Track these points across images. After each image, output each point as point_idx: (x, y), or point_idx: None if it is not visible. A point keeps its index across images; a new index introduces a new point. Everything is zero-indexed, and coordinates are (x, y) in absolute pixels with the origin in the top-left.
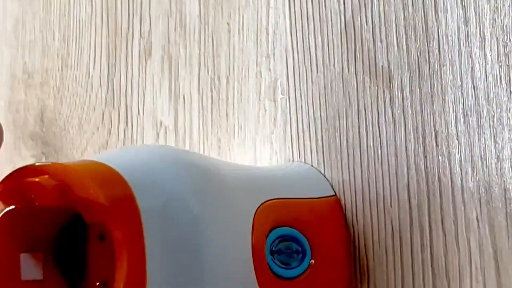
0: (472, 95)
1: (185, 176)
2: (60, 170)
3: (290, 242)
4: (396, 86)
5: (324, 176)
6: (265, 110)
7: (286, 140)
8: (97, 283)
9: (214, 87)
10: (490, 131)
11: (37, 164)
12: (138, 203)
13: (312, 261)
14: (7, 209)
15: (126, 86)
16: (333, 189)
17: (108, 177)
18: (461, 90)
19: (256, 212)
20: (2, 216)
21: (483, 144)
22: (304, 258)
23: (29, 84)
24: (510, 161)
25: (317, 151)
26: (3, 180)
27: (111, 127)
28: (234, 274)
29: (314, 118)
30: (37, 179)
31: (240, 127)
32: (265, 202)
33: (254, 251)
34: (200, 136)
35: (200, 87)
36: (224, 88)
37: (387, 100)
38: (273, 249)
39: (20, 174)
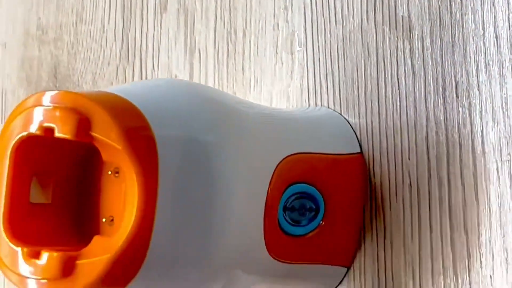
0: (494, 45)
1: (205, 108)
2: (83, 104)
3: (305, 199)
4: (416, 36)
5: (353, 129)
6: (282, 63)
7: (302, 93)
8: (104, 219)
9: (230, 41)
10: None
11: (60, 91)
12: (154, 135)
13: (322, 222)
14: (25, 133)
15: (141, 40)
16: (360, 145)
17: (126, 112)
18: (483, 39)
19: (277, 165)
20: (19, 140)
21: (504, 94)
22: (315, 217)
23: (42, 40)
24: None
25: (334, 104)
26: (26, 103)
27: (125, 82)
28: (242, 219)
29: (332, 71)
30: (60, 111)
31: (256, 81)
32: (288, 156)
33: (268, 203)
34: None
35: (216, 41)
36: (241, 41)
37: (407, 50)
38: (287, 205)
39: (41, 100)
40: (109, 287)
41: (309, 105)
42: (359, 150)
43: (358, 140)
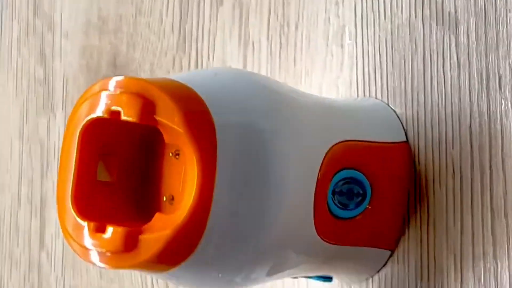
0: None
1: (262, 96)
2: (148, 89)
3: (353, 184)
4: (462, 31)
5: (399, 119)
6: (332, 56)
7: (351, 84)
8: (164, 198)
9: (283, 33)
10: None
11: (126, 77)
12: (214, 120)
13: (369, 206)
14: (93, 116)
15: (197, 32)
16: (406, 134)
17: (188, 98)
18: None
19: (328, 151)
20: (88, 122)
21: None
22: (362, 201)
23: (103, 30)
24: None
25: (381, 95)
26: (93, 88)
27: (182, 72)
28: (294, 201)
29: (380, 63)
30: (126, 96)
31: (307, 73)
32: (338, 143)
33: (318, 186)
34: None
35: (269, 34)
36: (293, 34)
37: (453, 45)
38: (336, 189)
39: (109, 85)
40: (169, 261)
41: (357, 96)
42: (405, 139)
43: (404, 130)
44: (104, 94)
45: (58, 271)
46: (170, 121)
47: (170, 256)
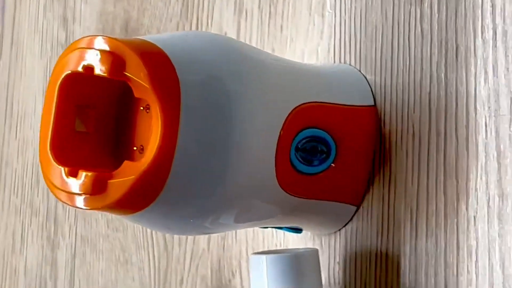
0: (490, 13)
1: (227, 58)
2: (119, 48)
3: (317, 142)
4: (426, 3)
5: (368, 82)
6: (314, 24)
7: (329, 51)
8: (135, 148)
9: (272, 3)
10: (504, 47)
11: (100, 36)
12: (179, 77)
13: (333, 164)
14: (70, 71)
15: (199, 1)
16: (374, 98)
17: (155, 56)
18: (481, 9)
19: (291, 111)
20: (65, 76)
21: (495, 57)
22: (326, 159)
23: None
24: None
25: (355, 62)
26: (72, 45)
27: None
28: (255, 155)
29: (355, 32)
30: (99, 52)
31: (292, 39)
32: (303, 104)
33: (280, 142)
34: (258, 46)
35: (260, 3)
36: (281, 4)
37: (418, 16)
38: (299, 146)
39: (85, 43)
40: (134, 204)
41: (334, 62)
42: (373, 103)
43: (373, 94)
44: (80, 52)
45: (72, 220)
46: (138, 77)
47: (136, 200)
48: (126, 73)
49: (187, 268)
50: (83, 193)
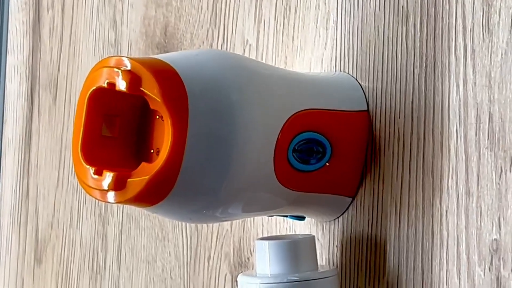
0: (462, 35)
1: (229, 72)
2: (136, 67)
3: (313, 144)
4: (411, 23)
5: (362, 89)
6: (319, 36)
7: (332, 61)
8: (152, 151)
9: (286, 16)
10: (472, 64)
11: (122, 57)
12: (187, 91)
13: (327, 164)
14: (97, 85)
15: (226, 10)
16: (367, 103)
17: (166, 73)
18: (454, 29)
19: (290, 117)
20: (93, 90)
21: (465, 74)
22: (322, 158)
23: (158, 4)
24: (482, 87)
25: (353, 71)
26: (99, 64)
27: (213, 41)
28: (256, 156)
29: (353, 44)
30: (119, 71)
31: (301, 49)
32: (300, 111)
33: (278, 145)
34: (273, 53)
35: (276, 15)
36: (293, 16)
37: (404, 33)
38: (296, 147)
39: (110, 62)
40: (150, 199)
41: (335, 70)
42: (366, 108)
43: (366, 101)
44: (105, 70)
45: None
46: (152, 93)
47: (151, 195)
48: (142, 89)
49: (213, 246)
50: (107, 190)
